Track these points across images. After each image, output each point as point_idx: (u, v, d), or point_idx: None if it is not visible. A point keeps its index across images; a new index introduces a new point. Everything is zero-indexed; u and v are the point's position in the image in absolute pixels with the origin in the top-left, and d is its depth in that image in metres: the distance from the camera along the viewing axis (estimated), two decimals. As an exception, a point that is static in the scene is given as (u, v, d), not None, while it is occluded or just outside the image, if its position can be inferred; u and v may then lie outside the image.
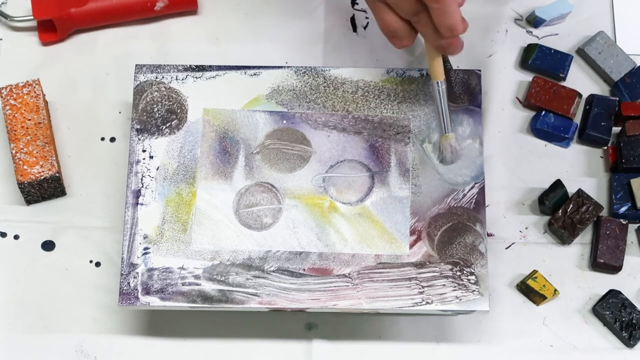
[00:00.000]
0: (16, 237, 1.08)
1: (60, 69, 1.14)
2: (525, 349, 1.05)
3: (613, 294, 1.06)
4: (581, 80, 1.15)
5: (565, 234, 1.07)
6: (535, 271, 1.06)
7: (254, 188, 1.02)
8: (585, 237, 1.09)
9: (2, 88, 1.09)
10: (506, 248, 1.09)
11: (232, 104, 1.04)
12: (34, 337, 1.04)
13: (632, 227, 1.09)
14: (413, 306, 0.98)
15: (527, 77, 1.15)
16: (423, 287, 0.98)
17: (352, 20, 1.17)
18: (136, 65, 1.05)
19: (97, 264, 1.07)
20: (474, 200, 1.02)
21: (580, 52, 1.16)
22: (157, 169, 1.02)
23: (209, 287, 0.98)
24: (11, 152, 1.06)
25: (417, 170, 1.02)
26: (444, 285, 0.99)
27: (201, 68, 1.05)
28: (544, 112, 1.12)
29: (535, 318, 1.06)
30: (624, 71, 1.14)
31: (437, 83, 1.01)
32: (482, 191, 1.02)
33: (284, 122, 1.04)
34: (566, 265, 1.08)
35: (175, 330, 1.05)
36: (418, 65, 1.14)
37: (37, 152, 1.06)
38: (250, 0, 1.18)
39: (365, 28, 1.17)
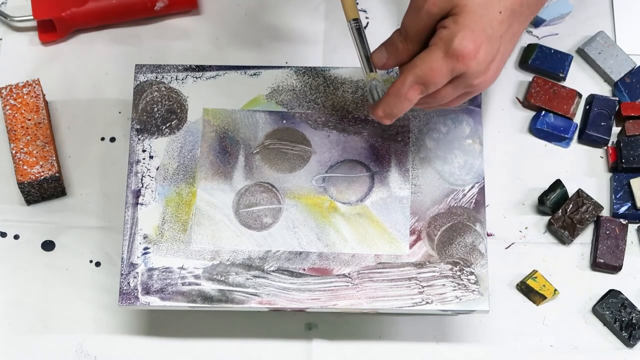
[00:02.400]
0: (16, 237, 1.08)
1: (60, 69, 1.14)
2: (525, 349, 1.05)
3: (613, 293, 1.05)
4: (581, 80, 1.15)
5: (565, 234, 1.07)
6: (535, 271, 1.06)
7: (253, 188, 1.02)
8: (585, 237, 1.09)
9: (2, 88, 1.09)
10: (506, 248, 1.08)
11: (232, 104, 1.04)
12: (34, 337, 1.04)
13: (632, 227, 1.09)
14: (413, 306, 0.98)
15: (527, 77, 1.15)
16: (423, 287, 0.98)
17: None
18: (136, 65, 1.05)
19: (97, 264, 1.07)
20: (473, 200, 1.02)
21: (580, 52, 1.16)
22: (157, 169, 1.02)
23: (208, 287, 0.98)
24: (11, 152, 1.06)
25: (416, 170, 1.02)
26: (443, 285, 0.99)
27: (201, 68, 1.05)
28: (543, 112, 1.12)
29: (535, 318, 1.06)
30: (624, 71, 1.14)
31: (350, 22, 0.94)
32: (482, 191, 1.02)
33: (284, 122, 1.04)
34: (566, 265, 1.08)
35: (175, 330, 1.05)
36: (418, 65, 1.14)
37: (37, 152, 1.06)
38: (250, 0, 1.18)
39: (365, 28, 1.17)
